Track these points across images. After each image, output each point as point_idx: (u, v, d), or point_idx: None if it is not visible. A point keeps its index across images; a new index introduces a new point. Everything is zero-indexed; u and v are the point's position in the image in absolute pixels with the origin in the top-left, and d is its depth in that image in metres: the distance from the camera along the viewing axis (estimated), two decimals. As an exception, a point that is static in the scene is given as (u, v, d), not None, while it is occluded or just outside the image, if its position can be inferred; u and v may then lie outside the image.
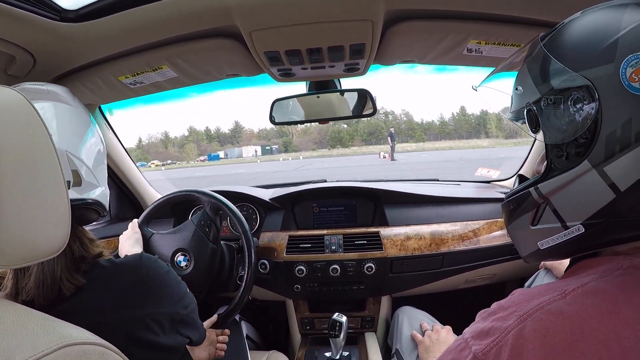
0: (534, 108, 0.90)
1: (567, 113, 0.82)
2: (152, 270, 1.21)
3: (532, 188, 0.93)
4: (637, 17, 0.75)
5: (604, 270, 0.79)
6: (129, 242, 1.98)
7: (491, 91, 1.16)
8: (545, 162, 0.92)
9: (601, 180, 0.77)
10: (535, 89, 0.89)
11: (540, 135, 0.91)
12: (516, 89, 0.97)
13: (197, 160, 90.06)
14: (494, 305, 0.87)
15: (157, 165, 73.28)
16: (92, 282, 1.10)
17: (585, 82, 0.77)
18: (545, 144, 0.90)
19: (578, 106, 0.80)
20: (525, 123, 0.95)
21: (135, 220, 2.14)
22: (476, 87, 1.20)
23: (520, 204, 0.98)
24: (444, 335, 1.95)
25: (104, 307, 1.07)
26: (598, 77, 0.76)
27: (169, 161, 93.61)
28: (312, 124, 2.44)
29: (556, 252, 0.92)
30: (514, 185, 1.08)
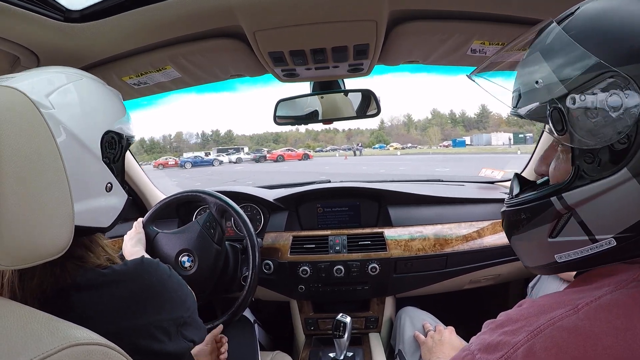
0: (560, 106, 0.76)
1: (603, 113, 0.71)
2: (154, 276, 1.18)
3: (555, 197, 0.81)
4: None
5: (617, 281, 0.74)
6: (132, 242, 1.98)
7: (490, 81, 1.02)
8: (572, 168, 0.79)
9: None
10: (560, 84, 0.76)
11: (565, 137, 0.78)
12: (536, 82, 0.82)
13: (440, 146, 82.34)
14: (502, 315, 0.84)
15: (395, 148, 70.47)
16: (92, 290, 1.07)
17: (626, 79, 0.67)
18: (572, 148, 0.79)
19: (616, 106, 0.69)
20: (548, 123, 0.80)
21: (140, 220, 2.14)
22: (473, 77, 1.04)
23: (536, 214, 0.86)
24: (447, 336, 1.94)
25: (106, 315, 1.05)
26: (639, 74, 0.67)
27: (409, 145, 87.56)
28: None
29: (575, 266, 0.84)
30: (512, 188, 1.04)
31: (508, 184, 3.16)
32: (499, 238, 2.52)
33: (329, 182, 3.11)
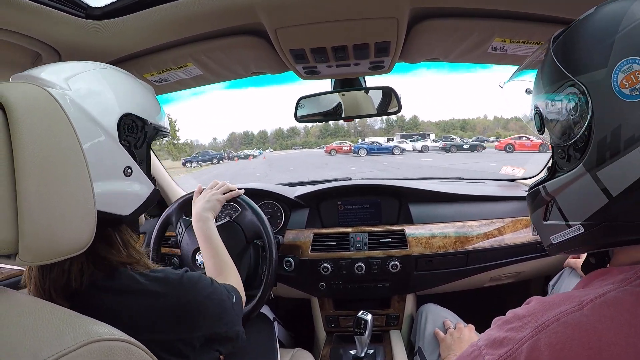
0: (539, 110, 0.93)
1: (566, 117, 0.84)
2: (191, 294, 1.16)
3: (541, 186, 0.95)
4: (636, 17, 0.73)
5: (622, 279, 0.76)
6: (205, 203, 1.91)
7: (515, 90, 1.14)
8: (551, 161, 0.96)
9: (595, 185, 0.77)
10: (542, 91, 0.91)
11: (544, 136, 0.93)
12: (527, 90, 1.01)
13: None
14: (510, 313, 0.86)
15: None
16: (125, 295, 1.06)
17: (580, 86, 0.78)
18: (551, 145, 0.94)
19: (574, 111, 0.81)
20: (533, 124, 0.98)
21: (226, 186, 2.07)
22: (502, 85, 1.18)
23: (534, 200, 1.01)
24: (467, 334, 1.94)
25: (139, 324, 1.03)
26: (592, 82, 0.76)
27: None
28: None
29: (566, 248, 0.93)
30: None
31: (529, 181, 3.15)
32: (520, 236, 2.50)
33: (350, 179, 3.10)
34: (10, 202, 0.64)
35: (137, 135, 1.19)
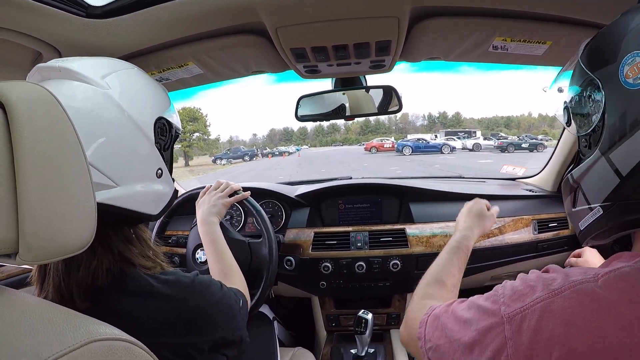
0: (567, 105, 1.02)
1: (586, 108, 0.92)
2: (201, 299, 1.16)
3: (569, 174, 1.02)
4: None
5: (637, 260, 0.79)
6: (210, 207, 1.92)
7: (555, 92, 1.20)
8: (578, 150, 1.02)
9: (608, 166, 0.84)
10: (569, 89, 1.01)
11: (572, 128, 1.00)
12: (559, 89, 1.09)
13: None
14: (532, 272, 0.90)
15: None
16: (136, 297, 1.06)
17: (596, 80, 0.86)
18: (577, 135, 1.00)
19: (592, 102, 0.89)
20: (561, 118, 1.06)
21: (228, 184, 2.08)
22: (546, 90, 1.24)
23: (565, 189, 1.06)
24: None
25: (148, 326, 1.03)
26: (605, 75, 0.85)
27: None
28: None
29: (590, 232, 0.96)
30: None
31: (530, 180, 3.15)
32: (520, 235, 2.51)
33: (350, 178, 3.10)
34: (11, 201, 0.64)
35: (166, 138, 1.23)
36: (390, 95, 2.22)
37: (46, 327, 0.65)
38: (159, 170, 1.18)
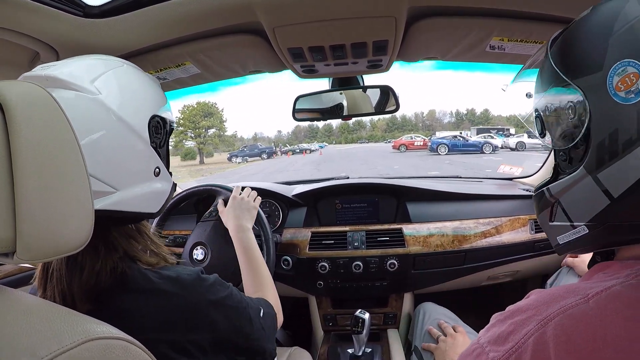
0: (540, 113, 0.95)
1: (565, 120, 0.84)
2: (202, 296, 1.13)
3: (545, 188, 0.95)
4: (633, 15, 0.72)
5: (628, 273, 0.75)
6: (242, 212, 1.93)
7: (518, 93, 1.12)
8: (554, 163, 0.96)
9: (596, 187, 0.78)
10: (541, 95, 0.93)
11: (546, 139, 0.94)
12: (527, 94, 1.01)
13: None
14: (510, 307, 0.85)
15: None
16: (137, 294, 1.06)
17: (578, 91, 0.78)
18: (553, 148, 0.94)
19: (573, 115, 0.81)
20: (533, 128, 0.99)
21: (250, 189, 2.10)
22: (504, 88, 1.19)
23: (539, 201, 1.00)
24: (461, 340, 1.92)
25: (148, 323, 1.03)
26: (588, 85, 0.77)
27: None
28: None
29: (573, 247, 0.92)
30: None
31: (526, 180, 3.16)
32: (517, 234, 2.51)
33: (348, 178, 3.11)
34: (9, 200, 0.64)
35: (161, 135, 1.21)
36: (387, 95, 2.22)
37: (44, 326, 0.65)
38: (157, 169, 1.17)
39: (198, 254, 2.05)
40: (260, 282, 1.67)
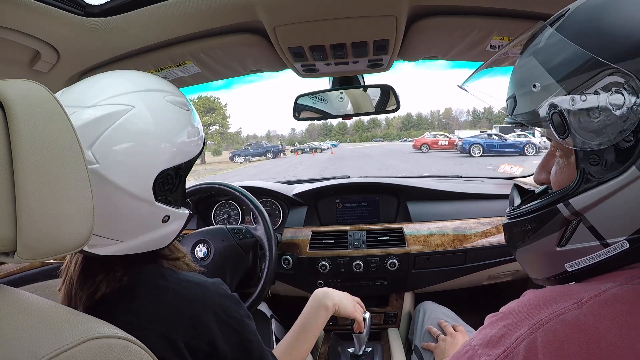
0: (561, 109, 0.73)
1: (605, 112, 0.67)
2: (212, 301, 1.11)
3: (562, 204, 0.78)
4: None
5: (623, 277, 0.72)
6: (339, 298, 1.80)
7: (482, 89, 1.00)
8: (577, 171, 0.76)
9: None
10: (558, 86, 0.74)
11: (568, 141, 0.75)
12: (534, 85, 0.78)
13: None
14: (504, 308, 0.81)
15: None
16: (152, 291, 1.07)
17: (627, 74, 0.65)
18: (576, 152, 0.76)
19: (619, 103, 0.66)
20: (549, 127, 0.77)
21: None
22: (462, 85, 1.02)
23: (543, 223, 0.83)
24: (460, 339, 1.92)
25: (155, 318, 1.03)
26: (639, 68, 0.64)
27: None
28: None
29: (589, 273, 0.78)
30: (512, 199, 1.00)
31: (527, 179, 3.16)
32: (519, 234, 2.49)
33: (348, 177, 3.11)
34: (9, 199, 0.64)
35: (173, 183, 1.13)
36: (387, 94, 2.22)
37: (44, 325, 0.65)
38: (166, 217, 1.11)
39: (198, 251, 2.05)
40: (299, 338, 1.57)
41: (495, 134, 32.73)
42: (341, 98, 2.26)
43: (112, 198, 0.97)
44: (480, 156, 28.82)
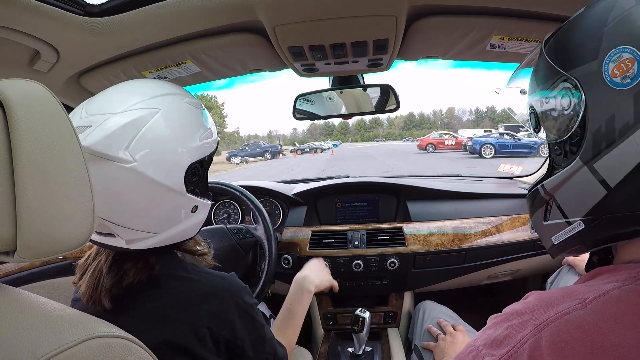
0: (534, 109, 0.94)
1: (560, 112, 0.84)
2: (221, 286, 1.20)
3: (540, 185, 0.94)
4: (625, 7, 0.74)
5: (626, 277, 0.74)
6: (322, 274, 2.08)
7: (513, 94, 1.17)
8: (549, 159, 0.96)
9: (592, 177, 0.77)
10: (536, 90, 0.93)
11: (541, 135, 0.95)
12: (521, 91, 1.05)
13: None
14: (507, 309, 0.84)
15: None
16: (174, 281, 1.14)
17: (573, 81, 0.79)
18: (548, 143, 0.94)
19: (568, 105, 0.82)
20: (527, 123, 1.00)
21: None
22: (499, 90, 1.24)
23: (533, 201, 0.99)
24: (460, 338, 1.92)
25: (178, 308, 1.10)
26: (583, 74, 0.77)
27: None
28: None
29: (568, 247, 0.91)
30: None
31: (527, 179, 3.16)
32: (518, 233, 2.52)
33: (348, 177, 3.11)
34: (9, 199, 0.64)
35: (200, 175, 1.23)
36: (387, 93, 2.21)
37: (44, 325, 0.66)
38: (195, 208, 1.22)
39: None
40: (288, 324, 1.78)
41: (507, 133, 31.30)
42: (341, 98, 2.26)
43: (150, 192, 1.06)
44: (492, 157, 27.56)
